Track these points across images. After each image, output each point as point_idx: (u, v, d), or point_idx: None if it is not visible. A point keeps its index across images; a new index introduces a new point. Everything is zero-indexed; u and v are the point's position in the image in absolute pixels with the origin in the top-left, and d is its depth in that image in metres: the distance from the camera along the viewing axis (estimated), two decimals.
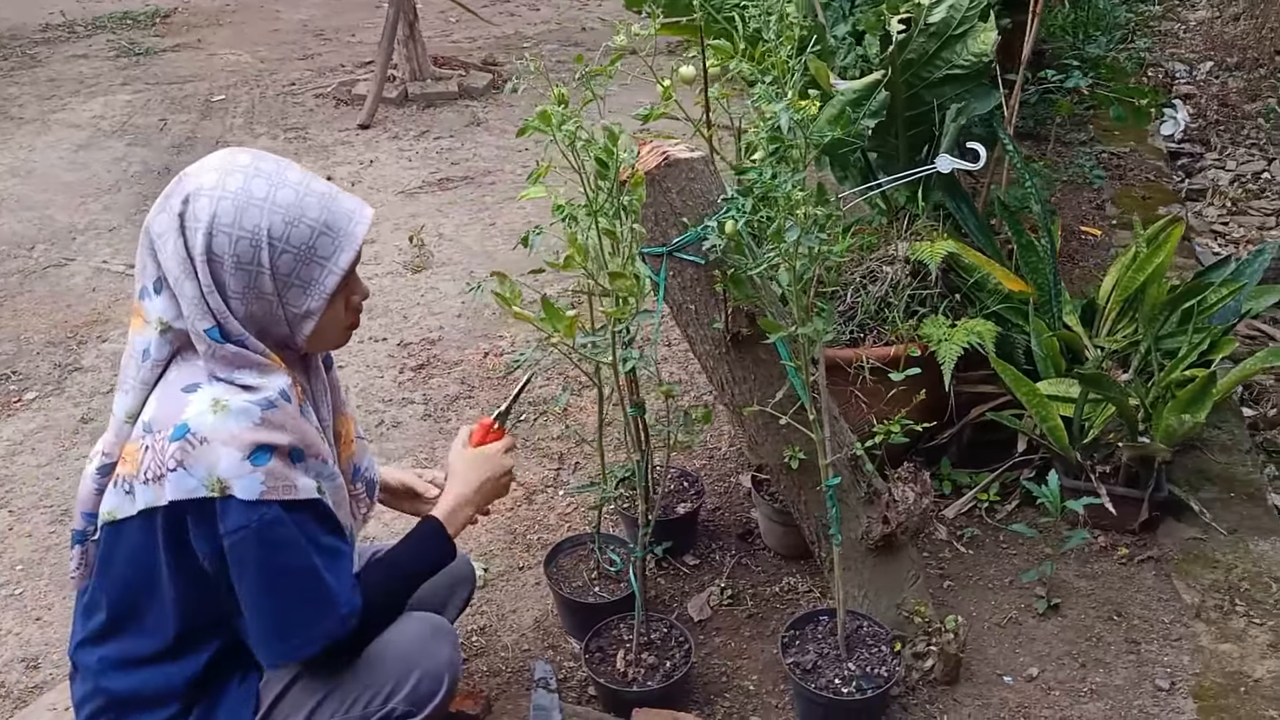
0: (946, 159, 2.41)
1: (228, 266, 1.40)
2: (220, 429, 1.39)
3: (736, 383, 2.16)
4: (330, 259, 1.45)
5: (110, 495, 1.49)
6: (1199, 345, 2.64)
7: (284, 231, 1.41)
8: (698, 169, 2.03)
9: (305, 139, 5.38)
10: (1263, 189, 4.92)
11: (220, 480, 1.39)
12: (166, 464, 1.39)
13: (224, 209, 1.40)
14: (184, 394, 1.42)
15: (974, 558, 2.59)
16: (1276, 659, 2.27)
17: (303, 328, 1.48)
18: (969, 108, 2.67)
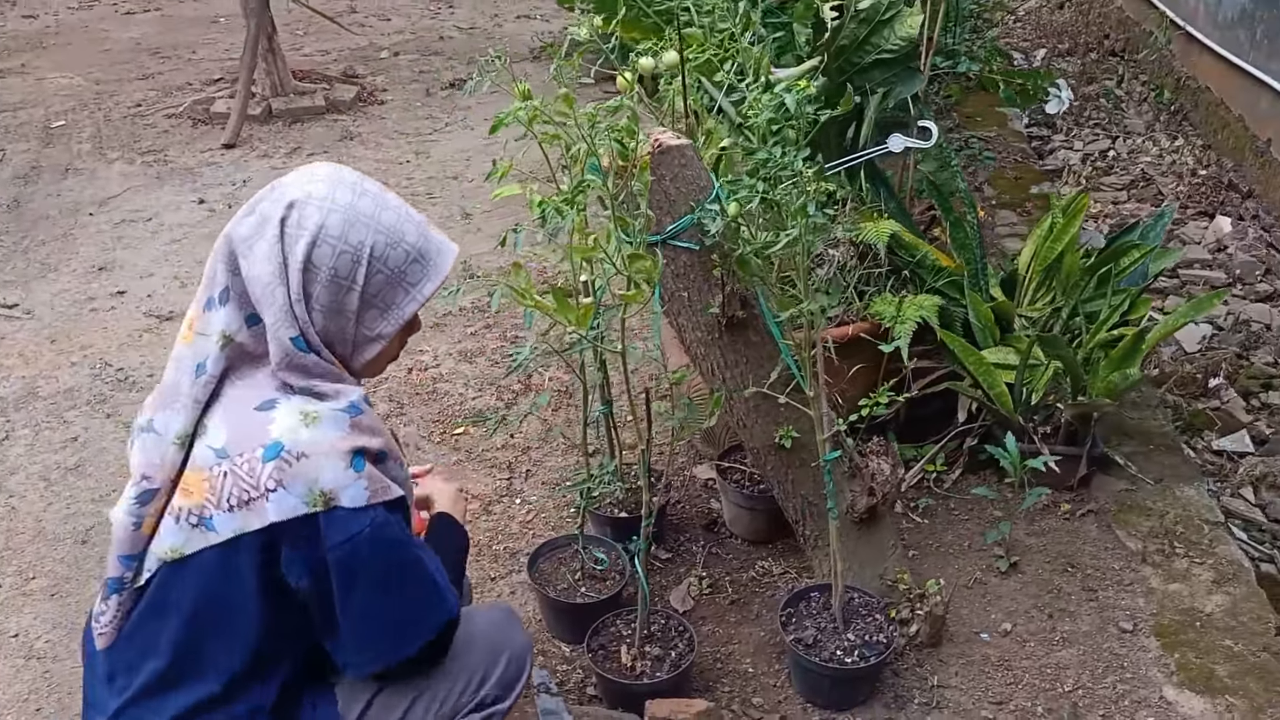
0: (899, 138, 2.48)
1: (322, 278, 1.37)
2: (317, 441, 1.35)
3: (729, 367, 2.15)
4: (417, 286, 1.44)
5: (170, 532, 1.38)
6: (1119, 306, 2.80)
7: (384, 252, 1.40)
8: (688, 155, 2.02)
9: (166, 162, 5.08)
10: (1110, 166, 5.28)
11: (324, 493, 1.34)
12: (262, 486, 1.33)
13: (333, 221, 1.38)
14: (261, 413, 1.37)
15: (930, 526, 2.67)
16: (1222, 594, 2.43)
17: (366, 351, 1.46)
18: (896, 90, 2.76)
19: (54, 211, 4.60)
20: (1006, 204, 4.40)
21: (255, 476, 1.34)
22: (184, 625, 1.40)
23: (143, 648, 1.43)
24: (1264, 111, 4.68)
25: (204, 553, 1.37)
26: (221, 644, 1.41)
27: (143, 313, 3.80)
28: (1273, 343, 3.65)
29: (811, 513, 2.31)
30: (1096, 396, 2.66)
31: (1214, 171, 5.00)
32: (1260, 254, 4.27)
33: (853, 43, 2.70)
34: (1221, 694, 2.16)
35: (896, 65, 2.84)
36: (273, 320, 1.37)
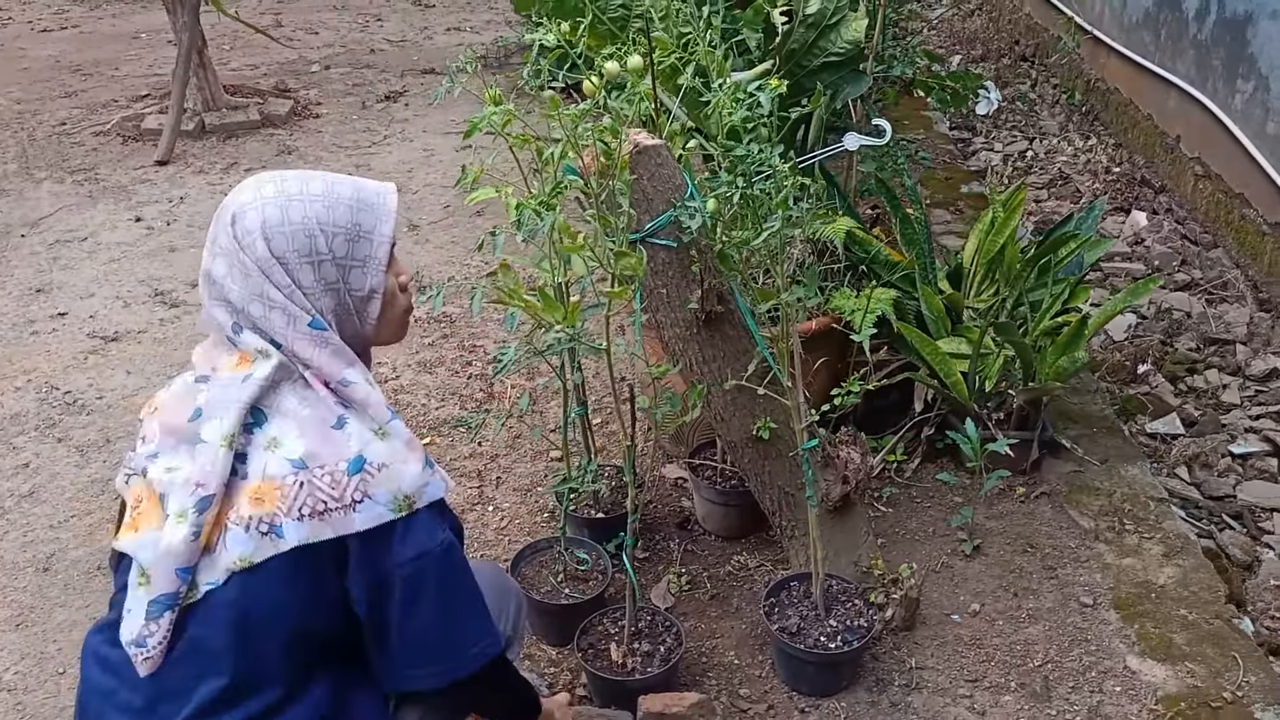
0: (854, 136, 2.57)
1: (293, 262, 1.42)
2: (395, 451, 1.41)
3: (706, 361, 2.21)
4: (374, 231, 1.47)
5: (239, 541, 1.37)
6: (1060, 295, 2.93)
7: (327, 215, 1.44)
8: (663, 155, 2.07)
9: (97, 180, 4.97)
10: (1029, 166, 5.48)
11: (408, 496, 1.40)
12: (348, 498, 1.37)
13: (270, 213, 1.42)
14: (337, 430, 1.40)
15: (895, 514, 2.76)
16: (1173, 566, 2.56)
17: (369, 310, 1.49)
18: (844, 92, 2.85)
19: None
20: (939, 203, 4.55)
21: (339, 488, 1.37)
22: (247, 637, 1.39)
23: (199, 668, 1.40)
24: (1172, 110, 4.91)
25: (272, 561, 1.37)
26: (283, 654, 1.41)
27: (86, 334, 3.72)
28: (1193, 329, 3.84)
29: (788, 503, 2.37)
30: (1046, 381, 2.78)
31: (1127, 169, 5.23)
32: (1176, 245, 4.48)
33: (802, 46, 2.79)
34: (1181, 661, 2.28)
35: (843, 68, 2.94)
36: (284, 322, 1.41)
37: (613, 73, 2.41)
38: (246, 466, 1.40)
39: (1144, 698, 2.19)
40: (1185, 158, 4.72)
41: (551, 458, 2.98)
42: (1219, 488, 3.04)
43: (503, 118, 2.05)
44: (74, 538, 2.77)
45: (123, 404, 3.32)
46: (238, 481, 1.39)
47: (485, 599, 1.61)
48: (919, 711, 2.18)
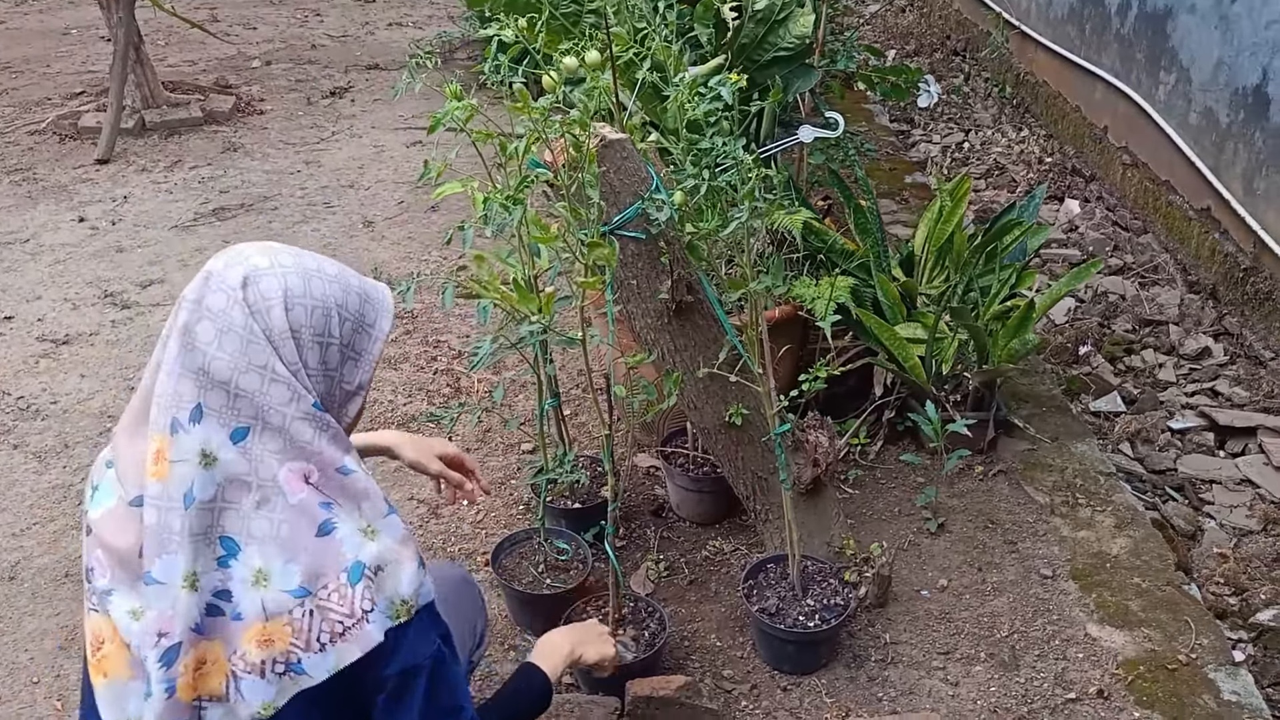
0: (808, 129, 2.64)
1: (306, 340, 1.30)
2: (387, 552, 1.31)
3: (678, 350, 2.26)
4: (374, 326, 1.39)
5: (257, 689, 1.26)
6: (1008, 280, 3.04)
7: (343, 299, 1.34)
8: (628, 149, 2.11)
9: (36, 180, 4.85)
10: (966, 157, 5.64)
11: (405, 601, 1.31)
12: (358, 610, 1.27)
13: (293, 283, 1.30)
14: (324, 538, 1.28)
15: (861, 496, 2.85)
16: (1125, 536, 2.68)
17: (351, 406, 1.39)
18: (794, 85, 2.93)
19: None
20: (885, 193, 4.66)
21: (348, 603, 1.27)
22: None
23: None
24: (1098, 101, 5.10)
25: (299, 698, 1.28)
26: None
27: (35, 338, 3.64)
28: (1129, 311, 4.01)
29: (762, 487, 2.44)
30: (999, 363, 2.89)
31: (1059, 159, 5.41)
32: (1108, 232, 4.66)
33: (752, 41, 2.86)
34: (1138, 626, 2.40)
35: (793, 61, 3.01)
36: (286, 398, 1.26)
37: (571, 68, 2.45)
38: (236, 606, 1.26)
39: (1105, 663, 2.31)
40: (1113, 147, 4.90)
41: (523, 450, 3.01)
42: (1160, 462, 3.19)
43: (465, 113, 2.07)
44: (38, 545, 2.73)
45: (79, 408, 3.27)
46: (228, 623, 1.26)
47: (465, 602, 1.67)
48: (896, 684, 2.27)
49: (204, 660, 1.27)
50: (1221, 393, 3.49)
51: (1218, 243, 3.96)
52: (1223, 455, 3.22)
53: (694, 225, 2.11)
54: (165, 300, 3.80)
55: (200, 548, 1.25)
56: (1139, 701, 2.21)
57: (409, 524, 1.76)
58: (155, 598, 1.25)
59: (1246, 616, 2.58)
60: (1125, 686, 2.25)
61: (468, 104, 2.10)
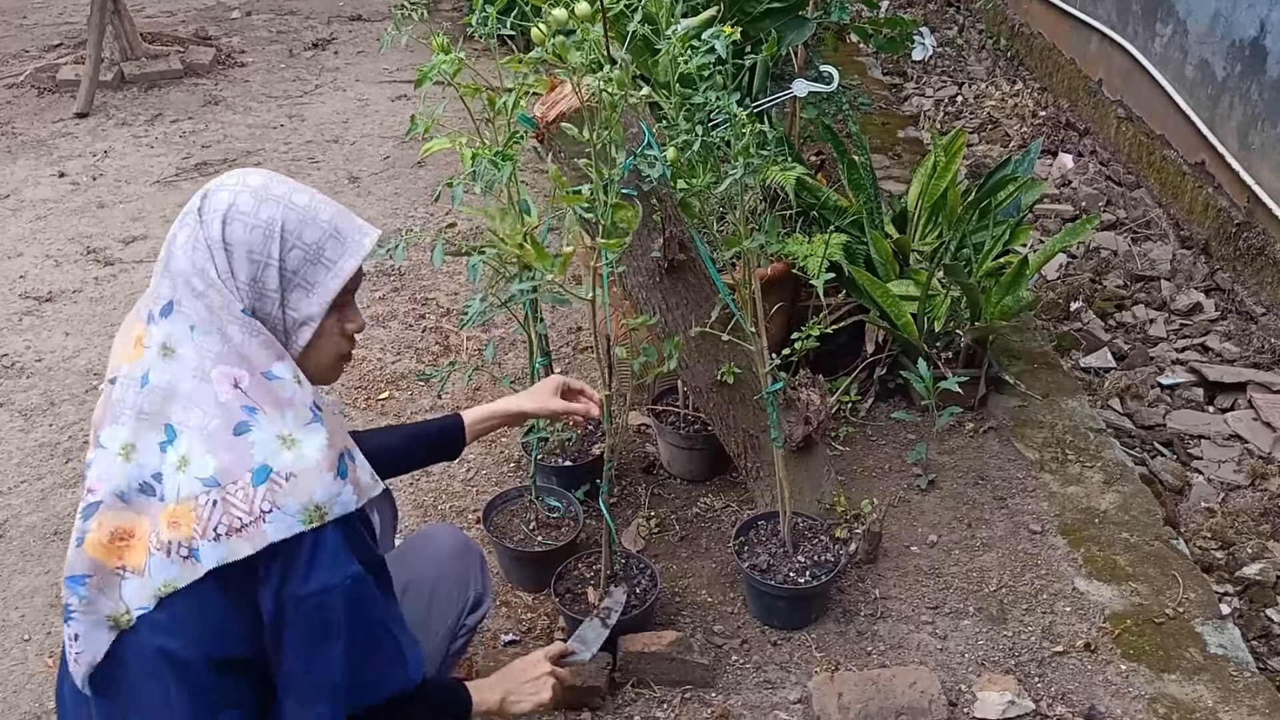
0: (802, 83, 2.60)
1: (238, 255, 1.38)
2: (303, 460, 1.36)
3: (671, 309, 2.24)
4: (336, 263, 1.43)
5: (162, 567, 1.35)
6: (1001, 237, 3.02)
7: (297, 228, 1.41)
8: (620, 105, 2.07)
9: (14, 134, 4.77)
10: (960, 111, 5.59)
11: (319, 507, 1.35)
12: (256, 509, 1.33)
13: (243, 199, 1.40)
14: (239, 437, 1.35)
15: (853, 453, 2.84)
16: (1114, 492, 2.69)
17: (299, 336, 1.44)
18: (787, 38, 2.88)
19: None
20: (878, 148, 4.62)
21: (249, 502, 1.33)
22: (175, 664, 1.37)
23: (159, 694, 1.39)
24: (1093, 53, 5.05)
25: (197, 585, 1.34)
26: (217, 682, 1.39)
27: (18, 295, 3.60)
28: (1120, 267, 4.00)
29: (753, 445, 2.43)
30: (992, 320, 2.88)
31: (1052, 112, 5.37)
32: (1101, 187, 4.64)
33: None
34: (1125, 580, 2.41)
35: (787, 13, 2.97)
36: (221, 303, 1.37)
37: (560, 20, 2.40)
38: (162, 487, 1.36)
39: (1093, 616, 2.32)
40: (1108, 101, 4.86)
41: None
42: (1150, 417, 3.19)
43: (452, 66, 2.02)
44: (26, 503, 2.71)
45: (64, 366, 3.24)
46: (155, 503, 1.36)
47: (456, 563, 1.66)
48: (885, 638, 2.28)
49: (131, 534, 1.37)
50: (1212, 348, 3.49)
51: (1211, 197, 3.94)
52: (1212, 411, 3.23)
53: (686, 182, 2.08)
54: (148, 256, 3.76)
55: (144, 427, 1.37)
56: (1125, 654, 2.23)
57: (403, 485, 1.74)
58: (96, 461, 1.39)
59: (1233, 570, 2.60)
60: (1112, 640, 2.26)
61: (455, 57, 2.06)
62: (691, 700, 2.13)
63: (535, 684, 1.80)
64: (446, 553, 1.81)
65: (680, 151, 2.06)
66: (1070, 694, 2.14)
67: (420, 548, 1.82)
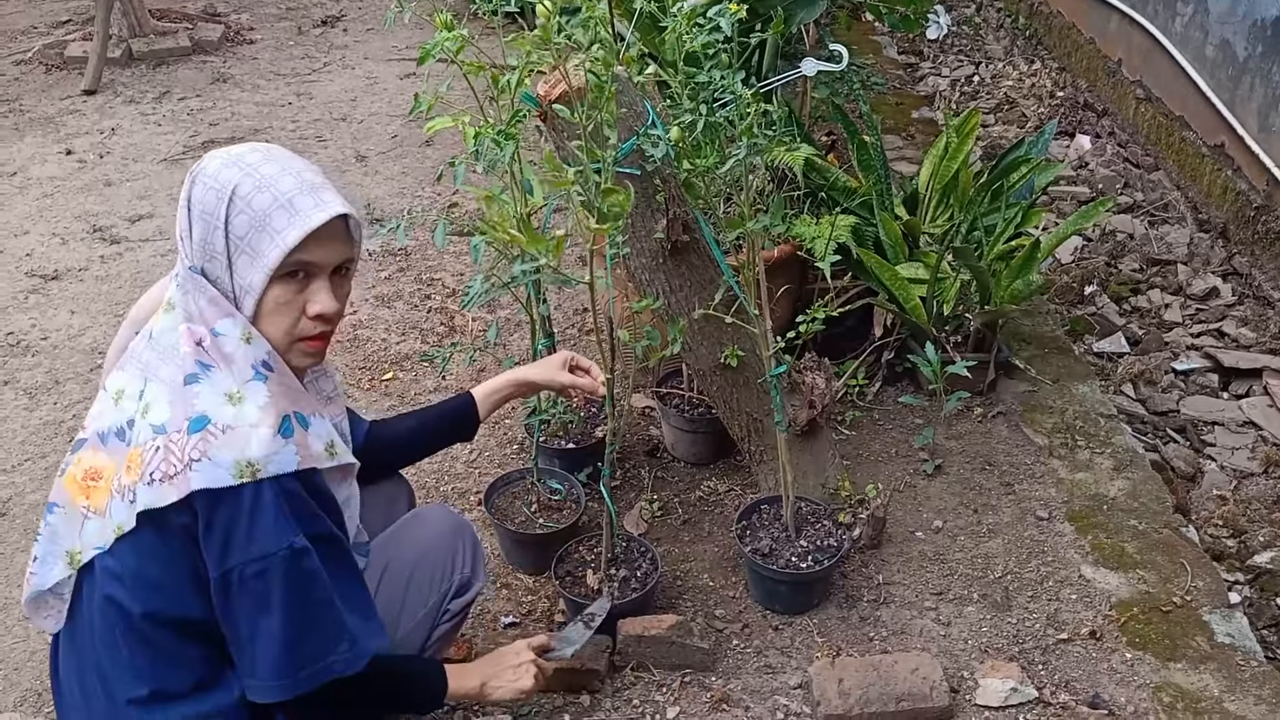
0: (811, 62, 2.56)
1: (195, 214, 1.43)
2: (244, 415, 1.37)
3: (674, 291, 2.21)
4: (280, 233, 1.41)
5: (118, 508, 1.40)
6: (1013, 219, 2.98)
7: (249, 193, 1.41)
8: (624, 82, 2.04)
9: (22, 111, 4.77)
10: (976, 91, 5.52)
11: (251, 463, 1.36)
12: (187, 456, 1.35)
13: (213, 165, 1.44)
14: (189, 386, 1.39)
15: (859, 437, 2.81)
16: (1123, 479, 2.65)
17: (244, 304, 1.45)
18: (797, 16, 2.83)
19: None
20: (891, 128, 4.57)
21: (181, 449, 1.35)
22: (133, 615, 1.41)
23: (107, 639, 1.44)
24: (1113, 33, 4.96)
25: (140, 532, 1.38)
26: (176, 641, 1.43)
27: (24, 273, 3.60)
28: (1136, 250, 3.94)
29: (756, 429, 2.41)
30: (1002, 304, 2.84)
31: (1070, 93, 5.29)
32: (1119, 169, 4.57)
33: None
34: (1133, 568, 2.38)
35: None
36: (182, 255, 1.45)
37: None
38: (131, 433, 1.41)
39: (1099, 604, 2.29)
40: (1127, 81, 4.79)
41: None
42: (1163, 403, 3.15)
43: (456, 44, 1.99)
44: (30, 481, 2.71)
45: (69, 345, 3.23)
46: (123, 448, 1.41)
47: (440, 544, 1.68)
48: (887, 624, 2.26)
49: (100, 475, 1.43)
50: (1228, 333, 3.44)
51: (1230, 180, 3.88)
52: (1226, 397, 3.18)
53: (690, 162, 2.04)
54: (155, 235, 3.75)
55: (137, 376, 1.44)
56: (1131, 643, 2.20)
57: None
58: (96, 403, 1.48)
59: (1244, 559, 2.57)
60: (1118, 628, 2.23)
61: (458, 35, 2.02)
62: (691, 684, 2.12)
63: (517, 671, 1.80)
64: (432, 535, 1.80)
65: (684, 131, 2.02)
66: (1074, 682, 2.12)
67: (407, 529, 1.81)
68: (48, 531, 1.47)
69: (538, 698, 2.06)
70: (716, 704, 2.07)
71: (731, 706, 2.07)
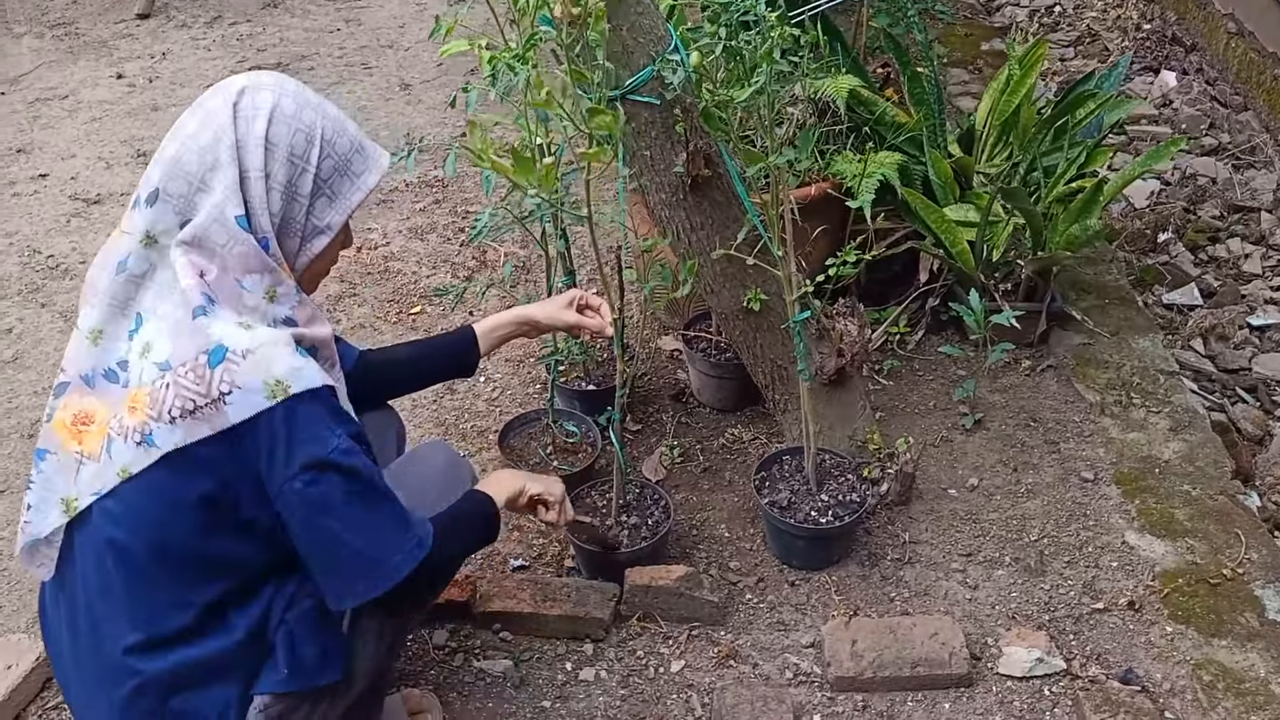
0: None
1: (280, 156, 1.39)
2: (260, 338, 1.34)
3: (695, 229, 2.10)
4: (360, 176, 1.47)
5: (121, 451, 1.35)
6: (1076, 159, 2.78)
7: (333, 137, 1.44)
8: (644, 3, 1.92)
9: (78, 34, 4.78)
10: (1056, 22, 5.21)
11: (279, 381, 1.33)
12: (215, 390, 1.31)
13: (286, 104, 1.41)
14: (198, 320, 1.34)
15: (896, 388, 2.68)
16: (1179, 441, 2.49)
17: (312, 245, 1.46)
18: None
19: None
20: (958, 61, 4.33)
21: (205, 383, 1.31)
22: (137, 556, 1.38)
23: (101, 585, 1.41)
24: None
25: (152, 471, 1.34)
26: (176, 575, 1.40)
27: (68, 196, 3.61)
28: (1218, 196, 3.69)
29: (781, 376, 2.30)
30: (1056, 250, 2.66)
31: (1158, 25, 4.96)
32: (1205, 108, 4.28)
33: None
34: (1182, 537, 2.23)
35: None
36: (218, 199, 1.35)
37: None
38: (126, 374, 1.37)
39: (1140, 573, 2.15)
40: (1218, 14, 4.46)
41: None
42: (1234, 360, 2.95)
43: None
44: None
45: None
46: (118, 390, 1.37)
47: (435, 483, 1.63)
48: (910, 585, 2.15)
49: (91, 419, 1.39)
50: None
51: None
52: None
53: (709, 90, 1.91)
54: None
55: (115, 313, 1.38)
56: (1173, 615, 2.06)
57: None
58: (70, 343, 1.44)
59: None
60: (1160, 599, 2.10)
61: None
62: (699, 638, 2.04)
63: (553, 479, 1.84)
64: (429, 472, 1.74)
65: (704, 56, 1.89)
66: (1106, 654, 2.00)
67: (402, 468, 1.75)
68: (40, 479, 1.45)
69: (539, 644, 2.02)
70: (724, 659, 2.00)
71: (739, 663, 2.00)
